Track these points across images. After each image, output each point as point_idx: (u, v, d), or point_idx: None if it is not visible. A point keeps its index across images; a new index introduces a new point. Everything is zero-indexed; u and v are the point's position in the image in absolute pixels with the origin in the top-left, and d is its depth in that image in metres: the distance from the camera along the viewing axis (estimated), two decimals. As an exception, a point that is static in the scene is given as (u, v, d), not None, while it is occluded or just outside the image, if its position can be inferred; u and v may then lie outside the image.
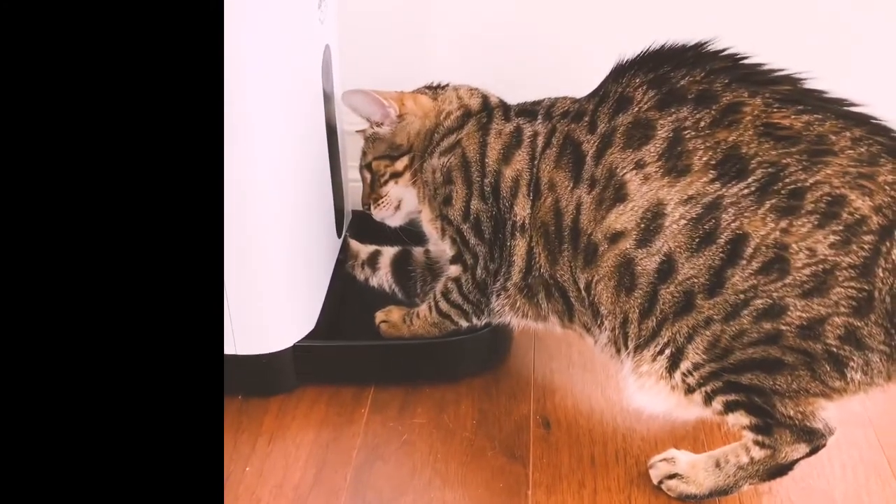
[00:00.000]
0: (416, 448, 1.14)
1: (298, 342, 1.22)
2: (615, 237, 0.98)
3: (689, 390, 0.98)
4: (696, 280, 0.92)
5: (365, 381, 1.25)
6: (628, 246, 0.97)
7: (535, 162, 1.09)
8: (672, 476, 1.05)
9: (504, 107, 1.20)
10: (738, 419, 0.98)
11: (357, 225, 1.48)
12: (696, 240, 0.92)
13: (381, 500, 1.07)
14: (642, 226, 0.95)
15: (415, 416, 1.19)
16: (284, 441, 1.16)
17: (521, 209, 1.10)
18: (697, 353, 0.95)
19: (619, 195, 0.97)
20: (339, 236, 1.41)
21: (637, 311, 0.98)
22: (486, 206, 1.13)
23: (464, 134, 1.16)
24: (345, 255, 1.40)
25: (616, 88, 1.02)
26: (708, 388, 0.97)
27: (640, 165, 0.96)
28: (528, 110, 1.14)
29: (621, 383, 1.07)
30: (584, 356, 1.30)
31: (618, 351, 1.04)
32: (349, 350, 1.26)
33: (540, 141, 1.10)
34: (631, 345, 1.01)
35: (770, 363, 0.92)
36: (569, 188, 1.04)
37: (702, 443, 1.13)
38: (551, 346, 1.33)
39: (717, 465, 1.03)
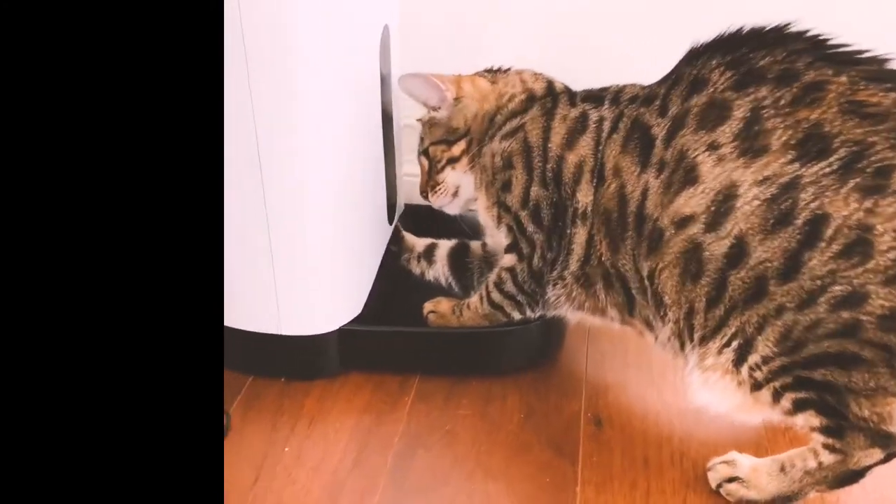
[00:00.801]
0: (459, 439, 1.10)
1: (344, 325, 1.19)
2: (683, 222, 0.94)
3: (757, 386, 0.93)
4: (769, 264, 0.88)
5: (409, 370, 1.21)
6: (696, 230, 0.92)
7: (601, 147, 1.06)
8: (732, 479, 0.99)
9: (569, 92, 1.17)
10: (808, 420, 0.92)
11: (408, 219, 1.46)
12: (771, 221, 0.87)
13: (421, 487, 1.02)
14: (713, 209, 0.91)
15: (459, 408, 1.15)
16: (325, 424, 1.12)
17: (584, 196, 1.07)
18: (767, 346, 0.90)
19: (690, 178, 0.93)
20: (391, 223, 1.38)
21: (703, 299, 0.94)
22: (547, 192, 1.10)
23: (528, 118, 1.14)
24: (399, 247, 1.38)
25: (690, 71, 0.99)
26: (777, 384, 0.91)
27: (713, 147, 0.92)
28: (595, 96, 1.11)
29: (683, 381, 1.02)
30: (641, 356, 1.24)
31: (682, 345, 0.99)
32: (394, 336, 1.23)
33: (606, 126, 1.06)
34: (696, 336, 0.96)
35: (846, 358, 0.86)
36: (635, 173, 1.00)
37: (764, 449, 1.06)
38: (605, 346, 1.28)
39: (782, 469, 0.96)
